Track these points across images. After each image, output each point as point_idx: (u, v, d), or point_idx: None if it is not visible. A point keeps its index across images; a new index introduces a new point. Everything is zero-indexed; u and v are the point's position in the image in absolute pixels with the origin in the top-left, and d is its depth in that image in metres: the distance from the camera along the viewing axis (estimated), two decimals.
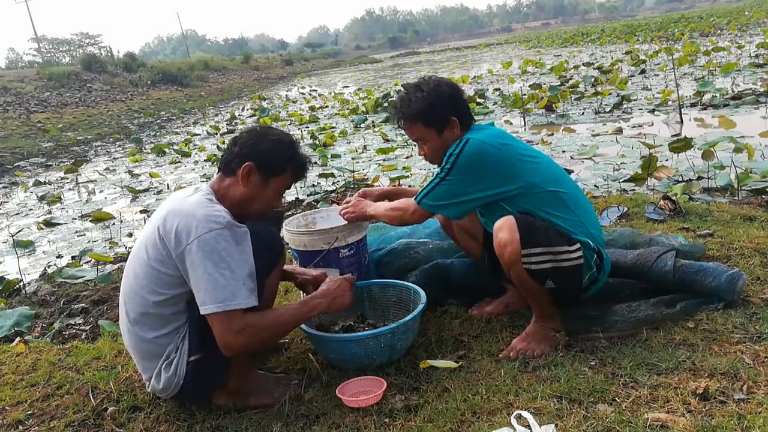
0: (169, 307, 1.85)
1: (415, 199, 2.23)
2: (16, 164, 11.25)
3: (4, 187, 9.17)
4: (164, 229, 1.80)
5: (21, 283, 3.97)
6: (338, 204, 4.84)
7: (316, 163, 7.42)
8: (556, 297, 2.08)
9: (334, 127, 10.59)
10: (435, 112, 2.17)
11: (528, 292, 2.07)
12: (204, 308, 1.75)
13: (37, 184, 8.79)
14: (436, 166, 2.25)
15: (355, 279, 2.23)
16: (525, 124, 8.23)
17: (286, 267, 2.27)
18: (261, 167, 1.92)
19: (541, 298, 2.07)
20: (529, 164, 2.13)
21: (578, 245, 2.03)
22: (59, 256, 4.93)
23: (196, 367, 1.87)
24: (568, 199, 2.12)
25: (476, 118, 9.80)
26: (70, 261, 4.65)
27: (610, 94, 9.84)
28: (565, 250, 2.00)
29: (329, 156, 7.38)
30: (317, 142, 8.79)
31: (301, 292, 2.39)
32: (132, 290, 1.88)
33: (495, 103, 10.75)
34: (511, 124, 8.51)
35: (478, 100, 11.25)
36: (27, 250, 5.24)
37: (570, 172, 5.15)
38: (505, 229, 1.98)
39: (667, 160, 5.22)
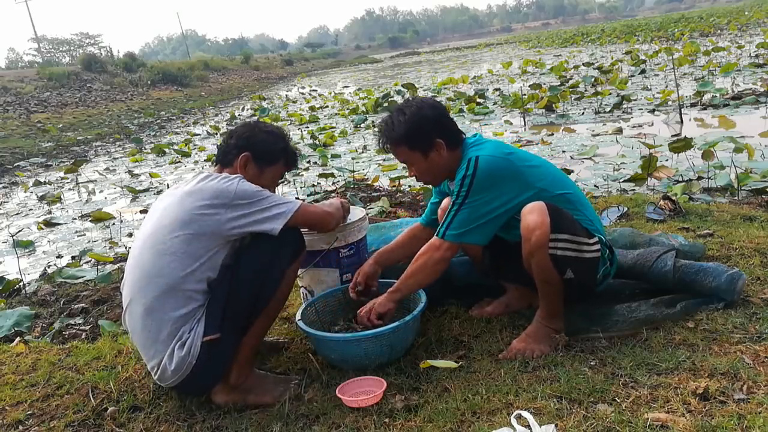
0: (193, 284, 1.89)
1: (437, 235, 2.12)
2: (16, 164, 11.25)
3: (4, 187, 9.17)
4: (196, 205, 1.90)
5: (21, 283, 3.98)
6: None
7: (316, 163, 7.42)
8: (570, 290, 2.08)
9: (334, 127, 10.59)
10: (419, 136, 2.14)
11: (544, 283, 2.05)
12: (281, 221, 1.94)
13: (37, 184, 8.79)
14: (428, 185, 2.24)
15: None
16: (525, 124, 8.23)
17: None
18: (257, 157, 2.06)
19: (554, 291, 2.06)
20: (535, 170, 2.13)
21: (596, 239, 2.08)
22: (59, 256, 4.93)
23: (210, 349, 1.89)
24: (575, 200, 2.14)
25: (476, 118, 9.73)
26: (70, 261, 4.65)
27: (610, 94, 9.85)
28: (586, 242, 2.04)
29: (329, 156, 7.38)
30: (317, 142, 8.79)
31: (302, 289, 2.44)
32: (154, 271, 1.89)
33: (495, 103, 10.76)
34: (511, 124, 8.51)
35: (478, 100, 11.26)
36: (27, 250, 5.24)
37: (570, 172, 5.15)
38: (535, 212, 1.97)
39: (667, 160, 5.22)
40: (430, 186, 2.48)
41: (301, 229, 2.11)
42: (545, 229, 1.94)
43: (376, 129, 2.52)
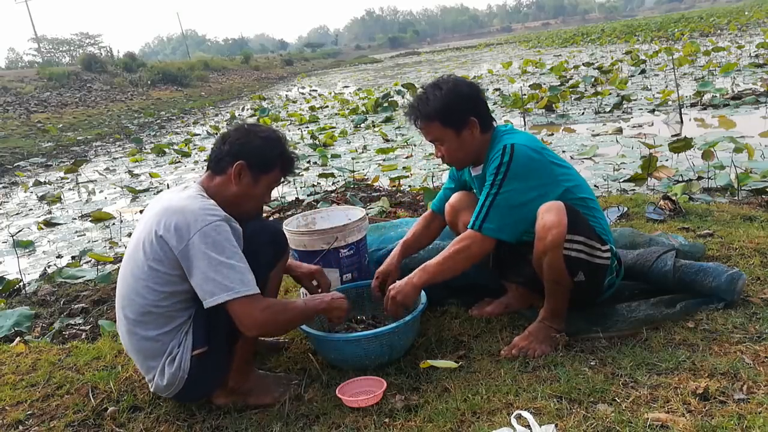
0: (171, 305, 1.85)
1: (472, 227, 2.06)
2: (16, 164, 11.25)
3: (4, 187, 9.17)
4: (161, 227, 1.79)
5: (21, 283, 3.97)
6: (338, 204, 4.86)
7: (315, 163, 7.42)
8: (578, 294, 2.08)
9: (334, 127, 10.59)
10: (453, 112, 2.08)
11: (554, 283, 2.04)
12: (216, 298, 1.73)
13: (37, 184, 8.79)
14: (448, 166, 2.18)
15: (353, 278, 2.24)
16: (525, 124, 8.23)
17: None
18: (252, 165, 1.92)
19: (562, 292, 2.06)
20: (563, 170, 2.12)
21: (608, 247, 2.08)
22: (59, 256, 4.93)
23: (200, 362, 1.88)
24: (594, 207, 2.15)
25: None
26: (70, 261, 4.65)
27: (610, 94, 9.85)
28: (599, 248, 2.03)
29: (329, 156, 7.38)
30: (317, 142, 8.79)
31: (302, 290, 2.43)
32: (131, 292, 1.87)
33: (495, 103, 10.74)
34: (511, 124, 8.50)
35: None
36: (27, 250, 5.24)
37: None
38: (553, 211, 1.95)
39: (667, 160, 5.22)
40: (430, 185, 2.48)
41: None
42: (562, 229, 1.93)
43: (405, 106, 2.42)
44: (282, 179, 2.07)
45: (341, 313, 2.04)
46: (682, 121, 6.94)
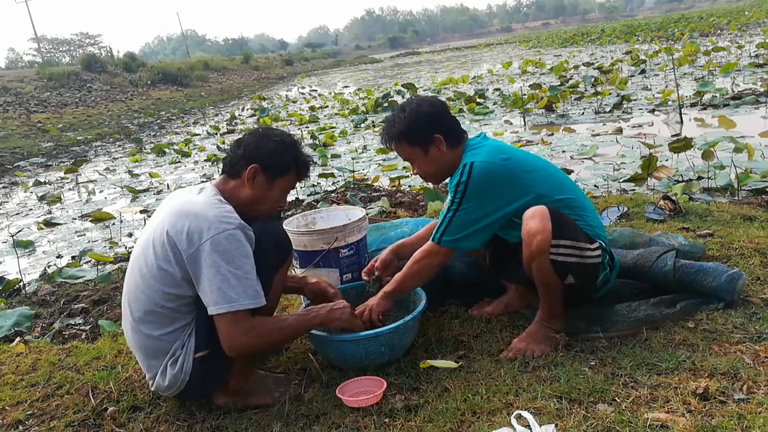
0: (175, 305, 1.86)
1: (432, 240, 2.14)
2: (16, 164, 11.25)
3: (4, 187, 9.17)
4: (174, 229, 1.80)
5: (21, 283, 3.97)
6: (338, 204, 4.86)
7: (316, 163, 7.42)
8: (571, 295, 2.09)
9: (334, 127, 10.60)
10: (417, 132, 2.17)
11: (545, 287, 2.06)
12: (213, 308, 1.76)
13: (37, 184, 8.79)
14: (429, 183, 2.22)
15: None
16: (525, 124, 8.23)
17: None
18: (266, 168, 1.94)
19: (555, 294, 2.07)
20: (534, 174, 2.13)
21: (597, 243, 2.08)
22: (59, 256, 4.93)
23: (202, 364, 1.88)
24: (575, 205, 2.15)
25: (476, 118, 9.69)
26: (70, 261, 4.65)
27: (610, 94, 9.85)
28: (588, 247, 2.04)
29: (329, 156, 7.38)
30: (317, 142, 8.79)
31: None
32: (137, 289, 1.88)
33: (495, 103, 10.75)
34: (511, 124, 8.51)
35: (478, 100, 11.26)
36: (27, 250, 5.24)
37: (570, 172, 5.15)
38: (537, 217, 1.98)
39: (667, 160, 5.22)
40: (430, 185, 2.51)
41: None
42: (546, 235, 1.95)
43: (379, 129, 2.50)
44: (297, 183, 2.07)
45: (342, 324, 2.06)
46: (682, 121, 6.94)
